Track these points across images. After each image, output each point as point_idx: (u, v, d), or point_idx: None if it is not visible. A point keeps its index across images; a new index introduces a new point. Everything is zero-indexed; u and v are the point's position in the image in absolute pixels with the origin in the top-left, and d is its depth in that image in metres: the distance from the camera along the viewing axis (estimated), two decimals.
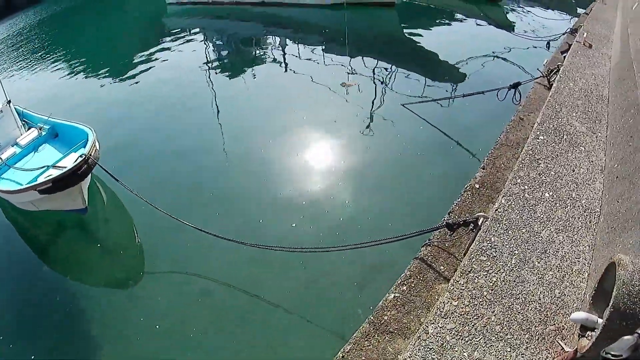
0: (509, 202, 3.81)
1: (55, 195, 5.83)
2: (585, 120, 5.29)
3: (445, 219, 3.99)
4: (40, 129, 8.44)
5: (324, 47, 11.43)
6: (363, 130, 7.71)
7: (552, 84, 6.23)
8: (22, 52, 17.37)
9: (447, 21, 14.76)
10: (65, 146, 7.43)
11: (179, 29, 15.04)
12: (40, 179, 6.07)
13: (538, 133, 4.86)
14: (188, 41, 13.24)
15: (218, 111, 8.82)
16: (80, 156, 5.66)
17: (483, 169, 4.64)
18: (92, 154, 5.87)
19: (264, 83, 9.74)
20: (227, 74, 10.32)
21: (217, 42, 13.46)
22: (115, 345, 4.54)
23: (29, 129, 8.75)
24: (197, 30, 14.52)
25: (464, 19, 14.50)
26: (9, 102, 8.27)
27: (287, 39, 12.14)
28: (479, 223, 3.68)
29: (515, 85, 6.70)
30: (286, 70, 10.36)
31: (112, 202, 7.00)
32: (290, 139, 7.69)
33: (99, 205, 6.91)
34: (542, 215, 3.69)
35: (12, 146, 8.21)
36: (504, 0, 15.81)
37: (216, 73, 10.55)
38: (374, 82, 9.40)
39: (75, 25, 21.87)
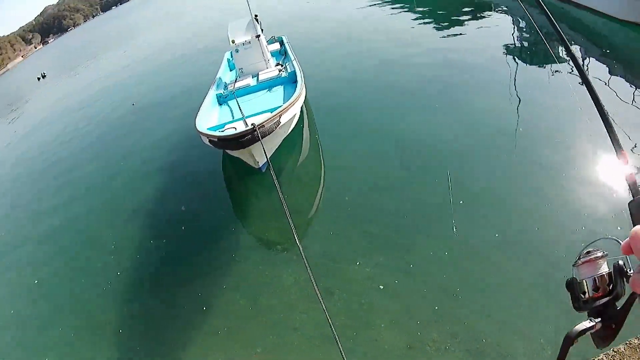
0: None
1: (226, 150, 6.29)
2: None
3: None
4: (281, 70, 8.93)
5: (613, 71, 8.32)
6: None
7: None
8: None
9: None
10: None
11: (488, 1, 14.29)
12: (224, 130, 6.43)
13: None
14: (492, 17, 12.49)
15: (519, 100, 7.31)
16: (252, 124, 5.67)
17: None
18: (267, 125, 5.81)
19: (559, 91, 7.51)
20: (525, 65, 8.99)
21: (521, 28, 11.90)
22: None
23: (277, 65, 9.58)
24: (504, 8, 13.47)
25: None
26: (258, 36, 9.20)
27: (583, 49, 9.75)
28: None
29: None
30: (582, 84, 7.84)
31: (310, 164, 7.26)
32: None
33: (290, 163, 7.23)
34: None
35: (252, 77, 9.09)
36: None
37: (514, 60, 9.34)
38: None
39: None
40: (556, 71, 8.45)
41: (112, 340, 5.03)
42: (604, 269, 1.05)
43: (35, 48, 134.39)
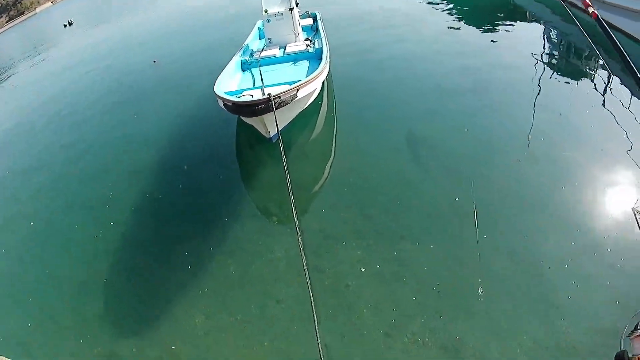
0: None
1: (240, 116, 6.37)
2: None
3: None
4: (308, 45, 9.04)
5: None
6: None
7: None
8: None
9: None
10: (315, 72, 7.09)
11: (525, 10, 13.63)
12: (240, 96, 6.45)
13: None
14: (525, 27, 12.08)
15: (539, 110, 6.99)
16: (268, 94, 5.69)
17: None
18: (282, 96, 5.84)
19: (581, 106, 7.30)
20: (551, 75, 8.63)
21: (552, 39, 11.46)
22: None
23: (306, 39, 9.61)
24: (539, 18, 12.87)
25: None
26: (292, 9, 9.20)
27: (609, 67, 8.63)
28: None
29: None
30: (603, 104, 7.32)
31: (322, 142, 7.21)
32: None
33: (302, 138, 7.22)
34: None
35: (280, 49, 9.12)
36: None
37: (542, 69, 8.92)
38: None
39: None
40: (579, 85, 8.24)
41: (96, 288, 5.15)
42: None
43: None
